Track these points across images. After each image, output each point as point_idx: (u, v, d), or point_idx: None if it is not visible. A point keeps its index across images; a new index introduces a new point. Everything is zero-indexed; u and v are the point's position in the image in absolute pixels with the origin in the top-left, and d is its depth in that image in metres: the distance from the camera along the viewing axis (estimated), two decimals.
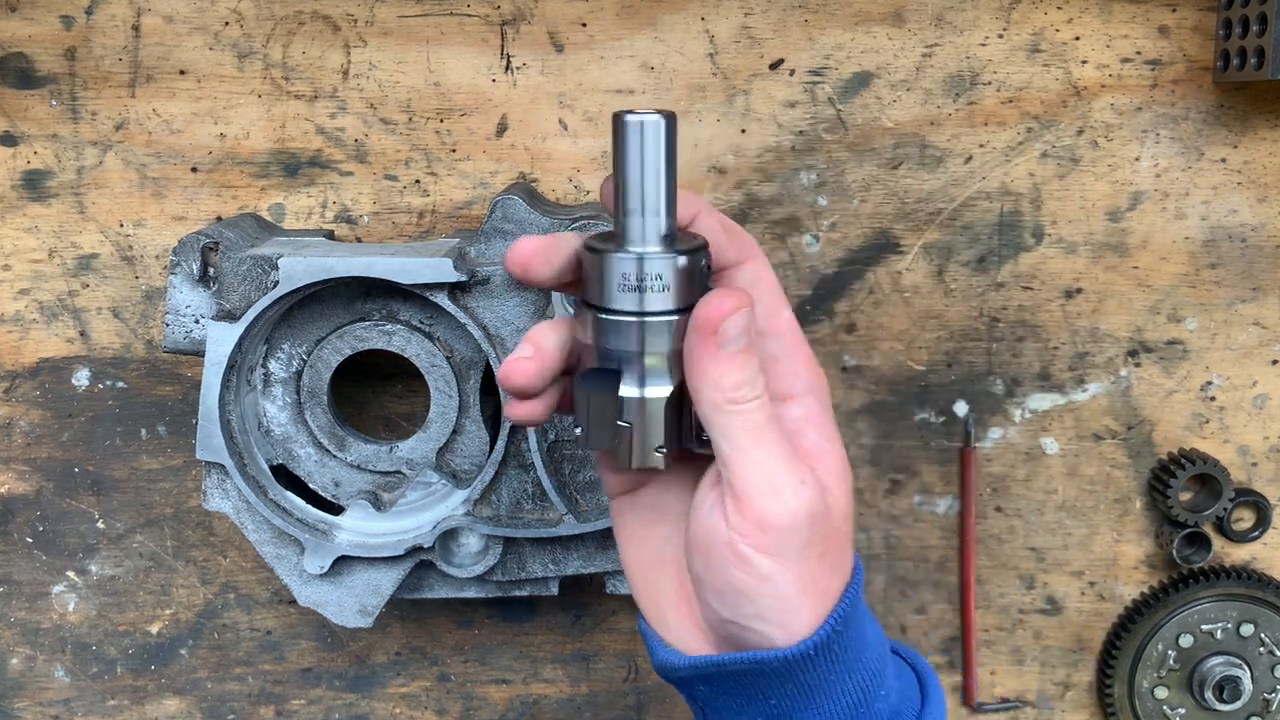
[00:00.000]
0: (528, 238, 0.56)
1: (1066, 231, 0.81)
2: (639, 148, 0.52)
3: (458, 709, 0.86)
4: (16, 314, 0.81)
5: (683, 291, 0.53)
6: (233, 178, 0.79)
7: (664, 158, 0.52)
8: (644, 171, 0.52)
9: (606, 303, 0.53)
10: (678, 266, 0.52)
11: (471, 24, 0.78)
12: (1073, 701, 0.87)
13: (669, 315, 0.53)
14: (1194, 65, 0.79)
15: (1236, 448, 0.84)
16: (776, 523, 0.52)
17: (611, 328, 0.53)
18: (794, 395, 0.57)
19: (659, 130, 0.52)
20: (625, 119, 0.52)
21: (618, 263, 0.52)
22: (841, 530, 0.56)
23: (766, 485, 0.52)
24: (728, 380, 0.52)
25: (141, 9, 0.77)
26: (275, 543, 0.74)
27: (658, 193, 0.52)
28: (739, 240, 0.57)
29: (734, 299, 0.52)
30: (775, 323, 0.57)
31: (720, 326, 0.52)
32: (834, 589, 0.55)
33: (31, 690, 0.85)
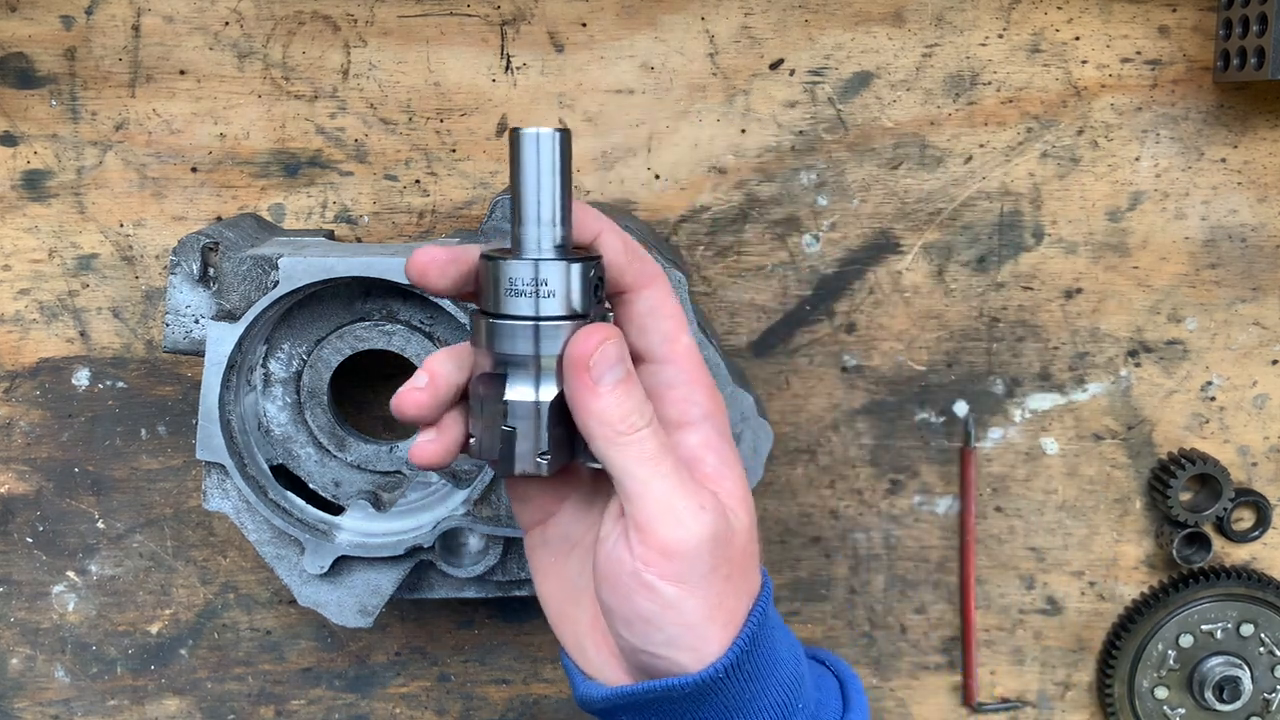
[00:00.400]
0: (429, 246, 0.56)
1: (1066, 231, 0.81)
2: (534, 160, 0.53)
3: (458, 709, 0.86)
4: (16, 314, 0.81)
5: (570, 299, 0.54)
6: (233, 178, 0.79)
7: (558, 171, 0.54)
8: (539, 183, 0.54)
9: (496, 308, 0.54)
10: (564, 273, 0.54)
11: (471, 24, 0.78)
12: (1073, 701, 0.87)
13: (554, 320, 0.54)
14: (1194, 65, 0.79)
15: (1236, 448, 0.84)
16: (679, 549, 0.53)
17: (499, 332, 0.54)
18: (691, 422, 0.57)
19: (553, 144, 0.54)
20: (521, 132, 0.54)
21: (507, 268, 0.54)
22: (746, 550, 0.56)
23: (667, 513, 0.53)
24: (612, 414, 0.53)
25: (141, 9, 0.77)
26: (275, 543, 0.74)
27: (551, 204, 0.54)
28: (639, 264, 0.57)
29: (600, 332, 0.53)
30: (673, 349, 0.57)
31: (590, 362, 0.52)
32: (741, 609, 0.55)
33: (31, 690, 0.85)
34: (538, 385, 0.55)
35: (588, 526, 0.59)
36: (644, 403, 0.54)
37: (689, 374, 0.57)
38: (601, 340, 0.53)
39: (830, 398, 0.83)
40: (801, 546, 0.84)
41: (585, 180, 0.80)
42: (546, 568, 0.61)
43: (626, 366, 0.54)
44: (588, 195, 0.80)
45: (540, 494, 0.61)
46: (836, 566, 0.85)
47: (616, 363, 0.53)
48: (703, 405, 0.57)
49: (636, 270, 0.57)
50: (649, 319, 0.57)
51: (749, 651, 0.55)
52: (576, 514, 0.60)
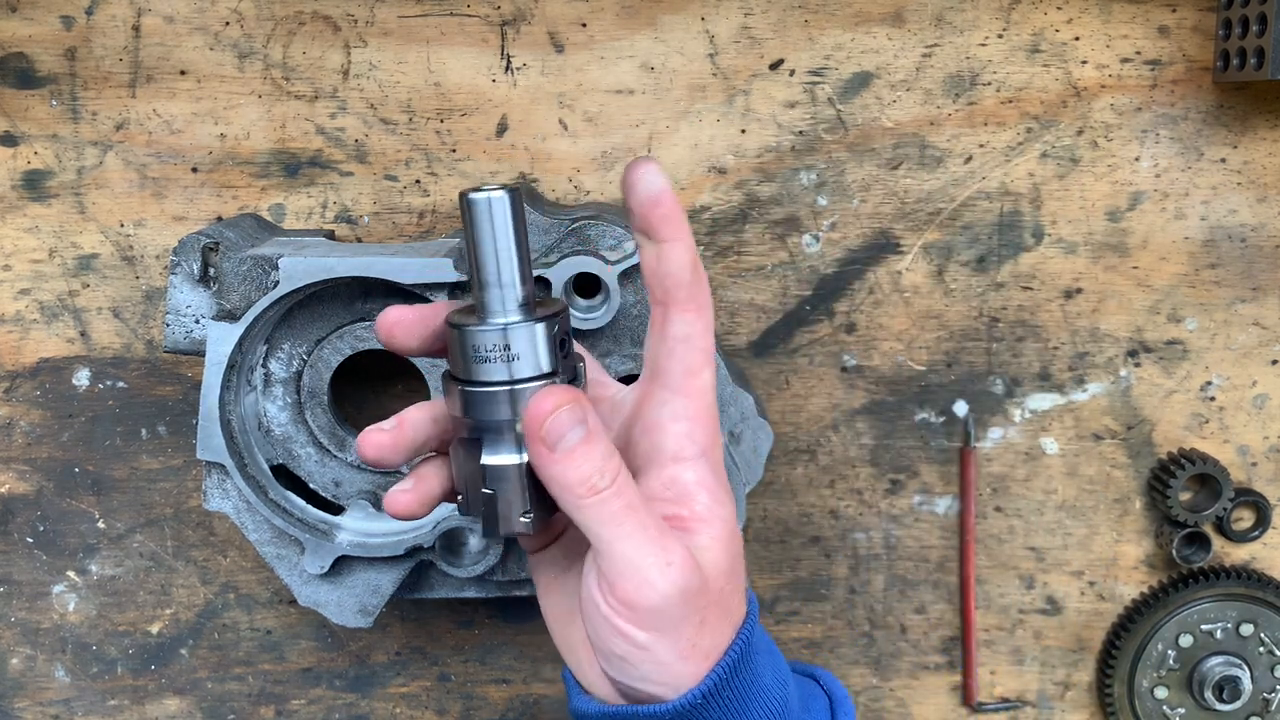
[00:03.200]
0: (396, 307, 0.57)
1: (1066, 231, 0.81)
2: (488, 224, 0.53)
3: (458, 709, 0.86)
4: (17, 314, 0.81)
5: (537, 360, 0.54)
6: (233, 178, 0.79)
7: (511, 231, 0.54)
8: (495, 246, 0.54)
9: (465, 374, 0.55)
10: (529, 335, 0.54)
11: (471, 24, 0.78)
12: (1072, 701, 0.87)
13: (523, 384, 0.54)
14: (1194, 65, 0.79)
15: (1236, 448, 0.84)
16: (646, 604, 0.53)
17: (469, 399, 0.55)
18: (687, 458, 0.57)
19: (505, 206, 0.53)
20: (470, 198, 0.53)
21: (468, 335, 0.54)
22: (725, 590, 0.56)
23: (631, 571, 0.53)
24: (569, 478, 0.53)
25: (141, 9, 0.77)
26: (275, 543, 0.74)
27: (510, 265, 0.54)
28: (700, 287, 0.56)
29: (552, 397, 0.53)
30: (691, 383, 0.57)
31: (543, 430, 0.52)
32: (721, 642, 0.56)
33: (31, 690, 0.85)
34: (509, 449, 0.55)
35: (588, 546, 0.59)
36: (605, 461, 0.53)
37: (697, 411, 0.57)
38: (555, 406, 0.53)
39: (830, 398, 0.83)
40: (801, 546, 0.84)
41: (585, 180, 0.80)
42: (548, 583, 0.62)
43: (586, 427, 0.53)
44: (588, 195, 0.80)
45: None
46: (836, 566, 0.85)
47: (572, 427, 0.53)
48: (700, 443, 0.57)
49: (694, 291, 0.56)
50: (681, 345, 0.56)
51: (729, 679, 0.55)
52: (578, 535, 0.60)
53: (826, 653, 0.85)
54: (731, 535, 0.57)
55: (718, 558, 0.56)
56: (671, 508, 0.56)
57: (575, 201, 0.80)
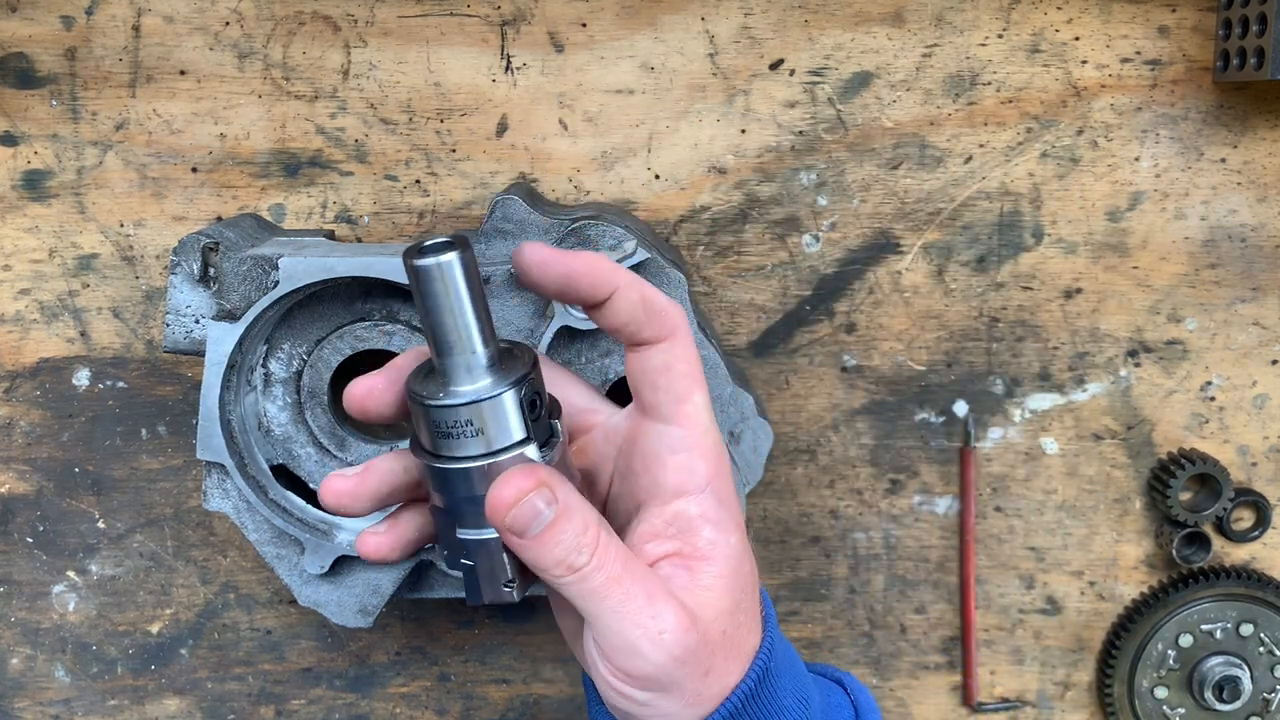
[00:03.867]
0: (363, 378, 0.54)
1: (1066, 231, 0.81)
2: (440, 289, 0.49)
3: (458, 709, 0.86)
4: (16, 314, 0.81)
5: (505, 431, 0.51)
6: (233, 178, 0.79)
7: (466, 292, 0.50)
8: (452, 311, 0.50)
9: (431, 448, 0.52)
10: (493, 409, 0.51)
11: (471, 24, 0.78)
12: (1072, 701, 0.87)
13: (491, 457, 0.51)
14: (1194, 65, 0.79)
15: (1236, 448, 0.84)
16: (641, 673, 0.52)
17: (437, 475, 0.52)
18: (690, 491, 0.55)
19: (454, 268, 0.49)
20: (418, 266, 0.49)
21: (432, 413, 0.51)
22: (728, 633, 0.54)
23: (622, 645, 0.51)
24: (543, 560, 0.51)
25: (141, 9, 0.77)
26: (275, 543, 0.74)
27: (469, 329, 0.50)
28: (659, 318, 0.54)
29: (513, 485, 0.50)
30: (681, 410, 0.55)
31: (507, 520, 0.50)
32: (729, 685, 0.55)
33: (31, 690, 0.85)
34: (483, 523, 0.52)
35: None
36: (580, 537, 0.51)
37: (694, 438, 0.55)
38: (517, 496, 0.50)
39: (830, 398, 0.83)
40: (801, 546, 0.84)
41: (585, 180, 0.80)
42: (561, 601, 0.60)
43: (555, 507, 0.51)
44: (588, 195, 0.80)
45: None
46: (836, 566, 0.85)
47: (539, 512, 0.50)
48: (703, 473, 0.55)
49: (656, 325, 0.54)
50: (662, 376, 0.54)
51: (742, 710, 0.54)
52: None
53: (826, 653, 0.85)
54: (736, 569, 0.55)
55: (719, 599, 0.54)
56: (673, 544, 0.54)
57: (575, 201, 0.80)
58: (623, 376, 0.72)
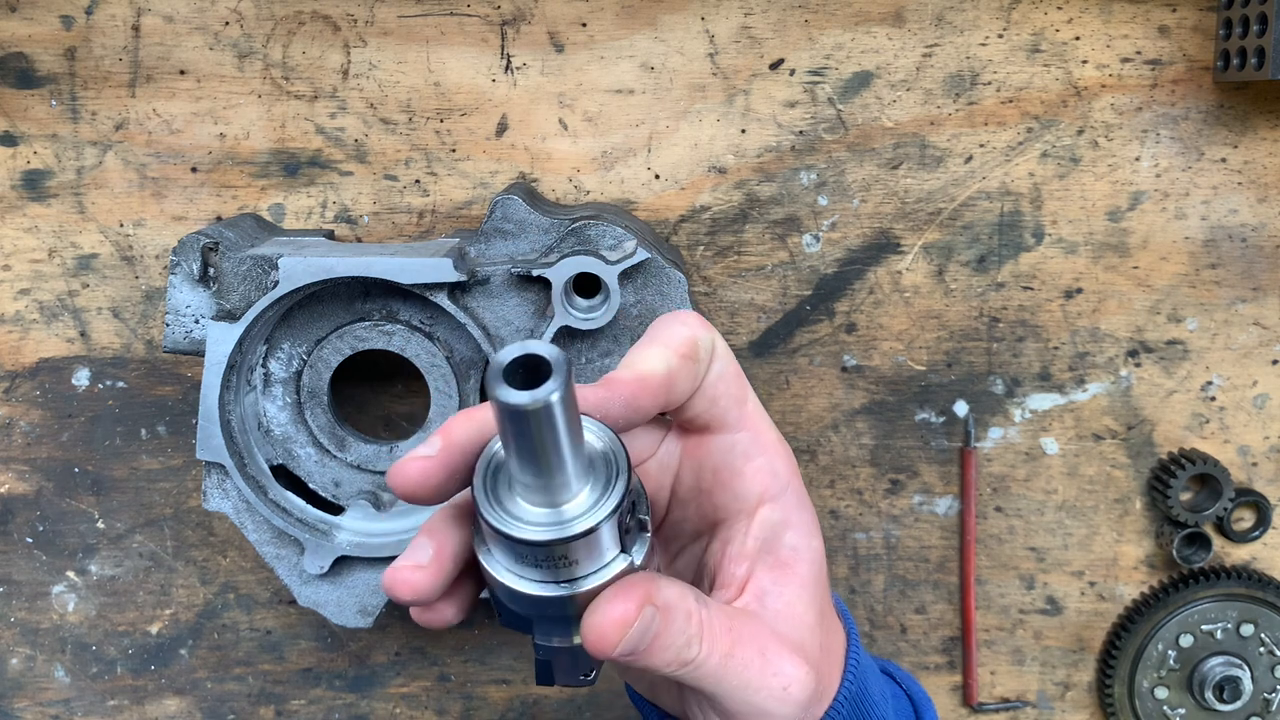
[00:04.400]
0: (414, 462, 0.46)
1: (1067, 231, 0.81)
2: (535, 429, 0.41)
3: (458, 709, 0.86)
4: (16, 314, 0.81)
5: (597, 558, 0.46)
6: (232, 178, 0.79)
7: (564, 426, 0.41)
8: (546, 448, 0.42)
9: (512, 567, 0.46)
10: (586, 541, 0.44)
11: (471, 24, 0.78)
12: (1073, 702, 0.87)
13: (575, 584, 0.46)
14: (1194, 65, 0.79)
15: (1237, 448, 0.84)
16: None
17: (521, 596, 0.46)
18: (773, 497, 0.53)
19: (554, 409, 0.40)
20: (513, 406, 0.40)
21: (514, 545, 0.45)
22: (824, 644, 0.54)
23: (751, 711, 0.50)
24: (656, 664, 0.48)
25: (141, 9, 0.77)
26: (275, 543, 0.74)
27: (561, 462, 0.43)
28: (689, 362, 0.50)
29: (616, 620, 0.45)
30: (744, 413, 0.53)
31: (616, 654, 0.46)
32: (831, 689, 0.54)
33: (31, 690, 0.85)
34: (562, 633, 0.47)
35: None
36: (685, 626, 0.47)
37: (764, 437, 0.53)
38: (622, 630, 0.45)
39: (830, 398, 0.83)
40: None
41: (585, 180, 0.80)
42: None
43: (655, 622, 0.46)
44: (588, 195, 0.80)
45: None
46: (837, 567, 0.85)
47: (644, 634, 0.46)
48: (782, 474, 0.53)
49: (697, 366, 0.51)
50: (719, 384, 0.51)
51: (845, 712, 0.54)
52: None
53: None
54: (819, 575, 0.54)
55: (807, 611, 0.52)
56: (754, 561, 0.52)
57: (575, 201, 0.80)
58: None
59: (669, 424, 0.55)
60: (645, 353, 0.50)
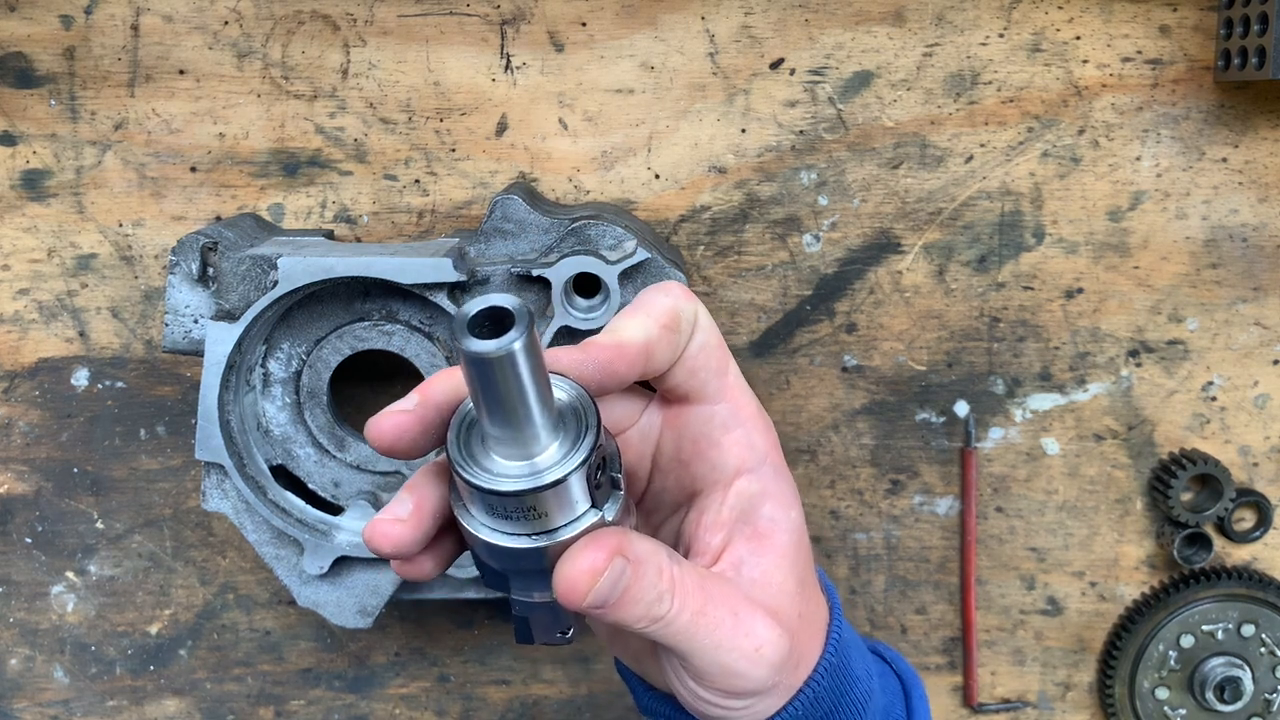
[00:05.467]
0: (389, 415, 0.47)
1: (1067, 231, 0.81)
2: (499, 377, 0.43)
3: (457, 710, 0.86)
4: (15, 314, 0.81)
5: (568, 509, 0.46)
6: (232, 177, 0.79)
7: (529, 375, 0.43)
8: (512, 395, 0.43)
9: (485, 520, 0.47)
10: (556, 491, 0.45)
11: (471, 23, 0.78)
12: (1074, 702, 0.87)
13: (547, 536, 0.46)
14: (1195, 65, 0.79)
15: (1238, 448, 0.84)
16: (743, 691, 0.51)
17: (494, 550, 0.47)
18: (751, 468, 0.53)
19: (516, 356, 0.42)
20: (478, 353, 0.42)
21: (489, 498, 0.46)
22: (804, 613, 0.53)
23: (721, 671, 0.50)
24: (626, 619, 0.48)
25: (141, 8, 0.77)
26: (275, 543, 0.74)
27: (532, 412, 0.44)
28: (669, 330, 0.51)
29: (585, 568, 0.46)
30: (725, 384, 0.53)
31: (585, 604, 0.47)
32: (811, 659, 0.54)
33: (30, 691, 0.85)
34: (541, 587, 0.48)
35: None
36: (657, 581, 0.48)
37: (743, 410, 0.53)
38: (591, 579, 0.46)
39: (830, 398, 0.83)
40: None
41: (585, 180, 0.80)
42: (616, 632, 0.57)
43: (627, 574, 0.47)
44: (588, 195, 0.80)
45: None
46: (837, 567, 0.85)
47: (614, 585, 0.47)
48: (760, 446, 0.53)
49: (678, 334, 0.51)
50: (699, 356, 0.52)
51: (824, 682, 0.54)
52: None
53: None
54: (798, 544, 0.54)
55: (786, 580, 0.53)
56: (732, 530, 0.53)
57: (575, 201, 0.80)
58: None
59: (651, 395, 0.55)
60: (627, 321, 0.50)
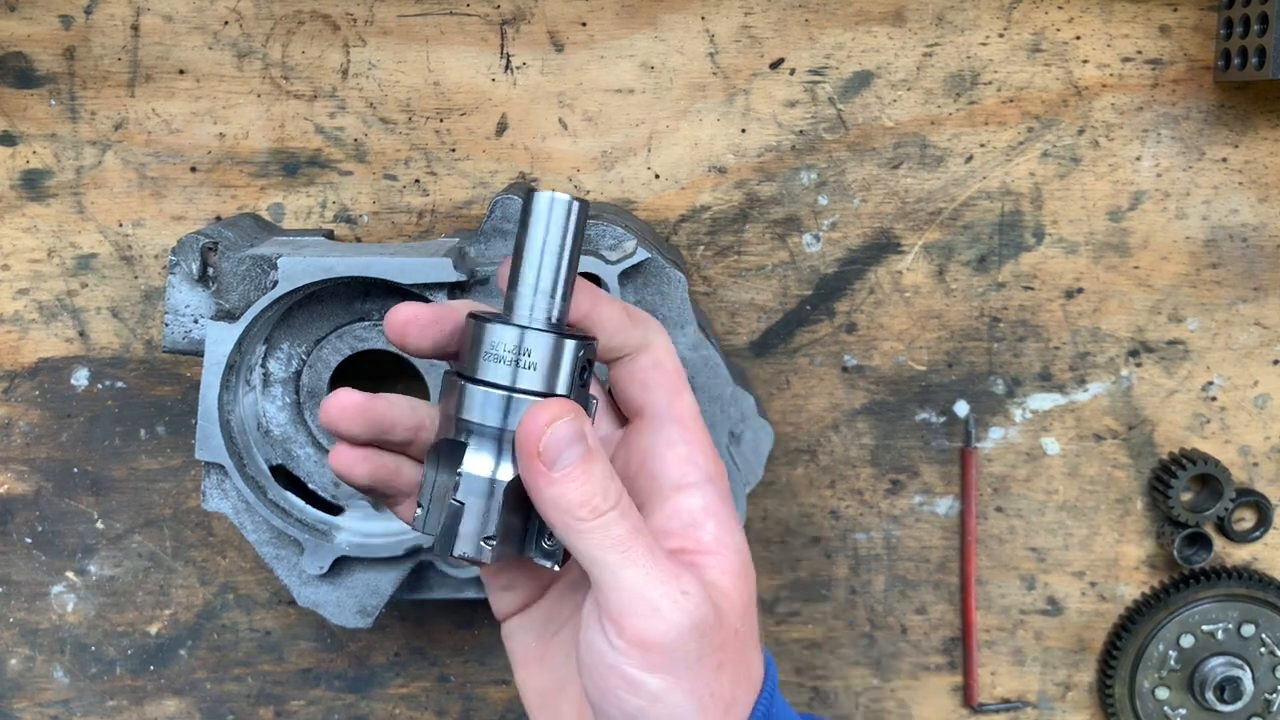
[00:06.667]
0: (408, 305, 0.53)
1: (1067, 231, 0.81)
2: (544, 225, 0.51)
3: (457, 710, 0.86)
4: (15, 314, 0.81)
5: (551, 376, 0.51)
6: (232, 177, 0.79)
7: (569, 241, 0.51)
8: (544, 250, 0.51)
9: (471, 371, 0.51)
10: (551, 346, 0.51)
11: (471, 23, 0.78)
12: (1074, 702, 0.87)
13: (529, 395, 0.50)
14: (1195, 65, 0.79)
15: (1237, 448, 0.84)
16: (660, 641, 0.49)
17: (468, 396, 0.51)
18: (693, 484, 0.54)
19: (567, 212, 0.51)
20: (535, 194, 0.51)
21: (491, 331, 0.51)
22: (740, 633, 0.52)
23: (641, 603, 0.49)
24: (570, 499, 0.48)
25: (141, 8, 0.77)
26: (274, 543, 0.74)
27: (553, 274, 0.51)
28: (641, 325, 0.55)
29: (550, 409, 0.49)
30: (676, 407, 0.55)
31: (541, 444, 0.48)
32: (741, 700, 0.52)
33: (30, 691, 0.85)
34: (497, 462, 0.51)
35: (575, 607, 0.56)
36: (608, 482, 0.49)
37: (691, 432, 0.55)
38: (552, 418, 0.48)
39: (830, 398, 0.83)
40: (802, 547, 0.84)
41: (585, 180, 0.80)
42: (526, 654, 0.57)
43: (586, 444, 0.49)
44: (588, 195, 0.80)
45: (528, 582, 0.57)
46: (837, 567, 0.85)
47: (572, 442, 0.48)
48: (704, 466, 0.54)
49: (641, 332, 0.55)
50: (653, 373, 0.54)
51: None
52: (562, 596, 0.56)
53: (827, 653, 0.85)
54: (745, 568, 0.54)
55: (730, 591, 0.52)
56: (677, 540, 0.53)
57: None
58: None
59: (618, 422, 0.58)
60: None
